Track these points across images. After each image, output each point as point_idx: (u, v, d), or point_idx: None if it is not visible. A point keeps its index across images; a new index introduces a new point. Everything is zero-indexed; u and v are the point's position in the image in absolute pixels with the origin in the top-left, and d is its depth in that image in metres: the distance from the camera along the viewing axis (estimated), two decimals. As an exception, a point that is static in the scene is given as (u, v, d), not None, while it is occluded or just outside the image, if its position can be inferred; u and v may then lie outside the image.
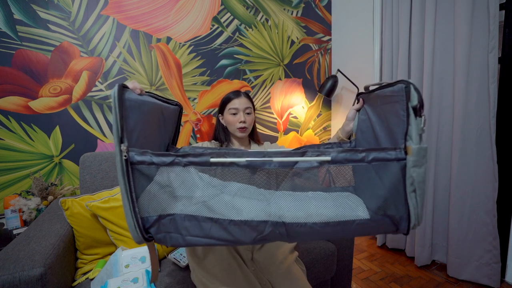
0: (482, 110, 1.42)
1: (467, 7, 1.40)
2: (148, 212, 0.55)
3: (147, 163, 0.52)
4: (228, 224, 0.53)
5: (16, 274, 0.72)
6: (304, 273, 0.94)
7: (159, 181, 0.55)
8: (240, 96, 1.16)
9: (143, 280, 0.87)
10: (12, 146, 1.38)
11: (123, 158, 0.50)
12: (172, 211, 0.55)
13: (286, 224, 0.52)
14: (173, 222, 0.55)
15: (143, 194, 0.54)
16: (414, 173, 0.49)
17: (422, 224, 1.65)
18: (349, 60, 2.20)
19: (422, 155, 0.49)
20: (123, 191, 0.51)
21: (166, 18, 1.69)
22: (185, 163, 0.53)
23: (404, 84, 0.51)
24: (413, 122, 0.50)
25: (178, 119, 0.84)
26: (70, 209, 1.03)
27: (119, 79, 1.60)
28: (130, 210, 0.52)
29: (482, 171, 1.43)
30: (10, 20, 1.34)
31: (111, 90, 0.53)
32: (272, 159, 0.51)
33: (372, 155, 0.50)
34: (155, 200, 0.55)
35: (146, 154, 0.52)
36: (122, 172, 0.51)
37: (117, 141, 0.50)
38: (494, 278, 1.42)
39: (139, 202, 0.54)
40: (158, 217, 0.55)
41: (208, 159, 0.52)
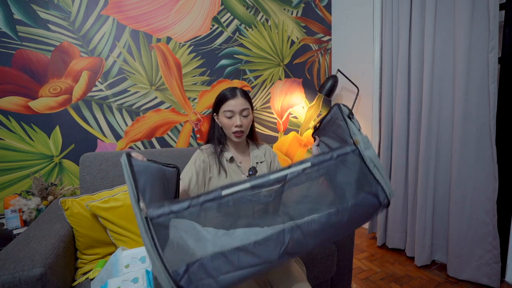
0: (482, 110, 1.42)
1: (467, 7, 1.40)
2: (176, 264, 0.53)
3: (167, 214, 0.54)
4: (253, 246, 0.56)
5: (16, 274, 0.72)
6: (304, 273, 0.94)
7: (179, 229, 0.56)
8: (236, 96, 1.04)
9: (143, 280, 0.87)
10: (12, 146, 1.38)
11: (143, 216, 0.52)
12: (198, 256, 0.55)
13: (299, 225, 0.60)
14: (201, 267, 0.54)
15: (166, 248, 0.54)
16: (367, 153, 0.68)
17: (422, 224, 1.65)
18: (349, 60, 2.20)
19: (366, 141, 0.69)
20: (149, 249, 0.51)
21: (166, 18, 1.69)
22: (201, 202, 0.56)
23: (335, 105, 0.77)
24: (350, 124, 0.72)
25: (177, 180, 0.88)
26: (70, 209, 1.03)
27: (119, 79, 1.60)
28: (162, 266, 0.51)
29: (482, 171, 1.43)
30: (10, 20, 1.34)
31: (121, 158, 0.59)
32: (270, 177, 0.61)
33: (336, 152, 0.67)
34: (180, 249, 0.55)
35: (163, 206, 0.55)
36: (145, 230, 0.51)
37: (135, 202, 0.52)
38: (494, 278, 1.42)
39: (165, 256, 0.53)
40: (186, 267, 0.54)
41: (220, 193, 0.58)
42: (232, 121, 1.03)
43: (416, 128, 1.71)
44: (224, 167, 1.06)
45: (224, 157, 1.08)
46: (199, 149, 1.10)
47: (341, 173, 0.68)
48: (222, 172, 1.05)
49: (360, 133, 0.71)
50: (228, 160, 1.07)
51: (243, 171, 1.08)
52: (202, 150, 1.08)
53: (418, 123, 1.70)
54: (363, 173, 0.67)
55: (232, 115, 1.03)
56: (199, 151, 1.09)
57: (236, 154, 1.11)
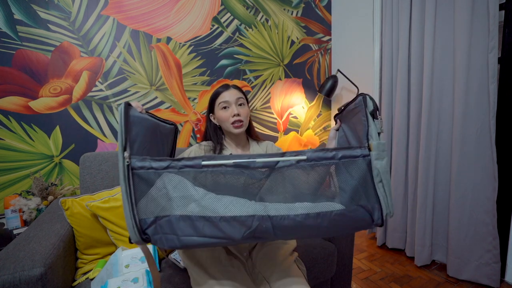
0: (482, 110, 1.42)
1: (467, 7, 1.40)
2: (146, 214, 0.59)
3: (147, 168, 0.59)
4: (219, 220, 0.58)
5: (17, 274, 0.73)
6: (304, 273, 0.94)
7: (155, 184, 0.59)
8: (229, 88, 1.05)
9: (143, 280, 0.88)
10: (12, 146, 1.38)
11: (125, 163, 0.56)
12: (167, 212, 0.59)
13: (271, 217, 0.58)
14: (168, 223, 0.59)
15: (142, 199, 0.59)
16: (378, 165, 0.59)
17: (422, 224, 1.65)
18: (349, 60, 2.20)
19: (382, 149, 0.59)
20: (123, 194, 0.56)
21: (166, 18, 1.69)
22: (180, 166, 0.59)
23: (362, 96, 0.65)
24: (371, 124, 0.62)
25: (175, 137, 0.91)
26: (70, 209, 1.03)
27: (119, 79, 1.60)
28: (129, 211, 0.56)
29: (482, 171, 1.43)
30: (10, 20, 1.34)
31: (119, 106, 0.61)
32: (256, 160, 0.59)
33: (341, 153, 0.59)
34: (153, 202, 0.59)
35: (145, 160, 0.59)
36: (123, 177, 0.56)
37: (121, 149, 0.56)
38: (494, 278, 1.42)
39: (138, 205, 0.58)
40: (154, 219, 0.59)
41: (200, 162, 0.59)
42: (229, 112, 1.02)
43: (416, 128, 1.71)
44: None
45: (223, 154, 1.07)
46: (198, 144, 1.09)
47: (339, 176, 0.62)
48: None
49: (378, 137, 0.61)
50: None
51: None
52: (201, 146, 1.07)
53: (418, 123, 1.70)
54: (364, 184, 0.60)
55: (228, 105, 1.02)
56: (197, 145, 1.07)
57: (235, 151, 1.09)
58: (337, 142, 0.88)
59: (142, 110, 0.70)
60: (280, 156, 0.60)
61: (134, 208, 0.57)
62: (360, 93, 0.67)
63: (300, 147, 2.29)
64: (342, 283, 1.31)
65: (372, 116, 0.63)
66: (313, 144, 2.36)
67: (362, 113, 0.65)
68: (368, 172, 0.59)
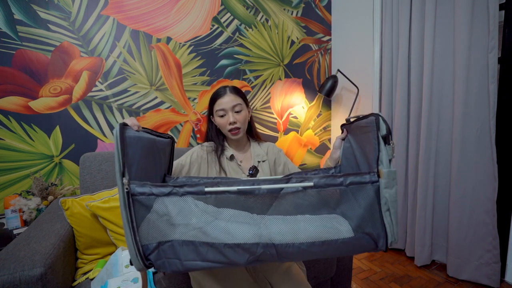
0: (482, 110, 1.42)
1: (467, 7, 1.40)
2: (148, 240, 0.59)
3: (147, 194, 0.58)
4: (223, 247, 0.57)
5: (17, 274, 0.73)
6: (304, 273, 0.94)
7: (157, 210, 0.59)
8: (226, 94, 1.02)
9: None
10: (12, 146, 1.38)
11: (125, 190, 0.55)
12: (170, 238, 0.59)
13: (276, 245, 0.57)
14: (171, 248, 0.59)
15: (143, 223, 0.59)
16: (386, 194, 0.57)
17: (422, 224, 1.65)
18: (349, 60, 2.20)
19: (392, 178, 0.57)
20: (125, 221, 0.55)
21: (166, 18, 1.69)
22: (182, 193, 0.59)
23: (375, 116, 0.61)
24: (383, 149, 0.59)
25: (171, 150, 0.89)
26: (70, 209, 1.03)
27: (119, 79, 1.60)
28: (132, 238, 0.56)
29: (482, 171, 1.43)
30: (10, 20, 1.34)
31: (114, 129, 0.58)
32: (261, 187, 0.58)
33: (349, 179, 0.58)
34: (155, 228, 0.59)
35: (146, 185, 0.58)
36: (124, 204, 0.56)
37: (119, 176, 0.55)
38: (494, 278, 1.42)
39: (140, 231, 0.58)
40: (157, 244, 0.59)
41: (203, 189, 0.58)
42: (225, 119, 1.02)
43: (416, 128, 1.71)
44: (224, 166, 1.04)
45: (224, 155, 1.06)
46: (200, 145, 1.09)
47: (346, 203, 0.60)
48: (222, 171, 1.03)
49: (389, 165, 0.58)
50: (228, 158, 1.05)
51: (244, 170, 1.07)
52: (203, 147, 1.08)
53: (418, 123, 1.70)
54: (370, 212, 0.59)
55: (224, 113, 1.02)
56: (199, 146, 1.08)
57: (236, 153, 1.09)
58: (342, 152, 0.87)
59: (139, 128, 0.69)
60: (285, 182, 0.59)
61: (137, 235, 0.57)
62: (373, 113, 0.63)
63: (300, 147, 2.29)
64: (342, 283, 1.31)
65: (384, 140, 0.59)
66: (313, 144, 2.36)
67: (373, 134, 0.62)
68: (376, 199, 0.58)
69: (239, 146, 1.11)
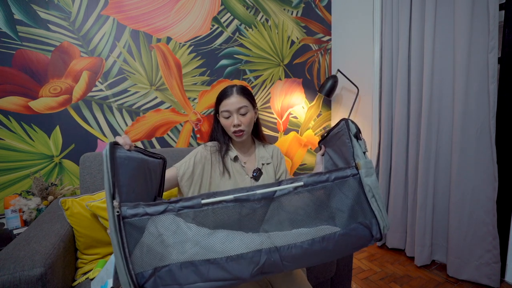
0: (482, 110, 1.42)
1: (467, 7, 1.40)
2: (142, 267, 0.53)
3: (141, 215, 0.54)
4: (225, 261, 0.55)
5: (17, 274, 0.73)
6: (304, 273, 0.94)
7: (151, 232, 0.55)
8: (232, 95, 0.99)
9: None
10: (12, 146, 1.38)
11: (115, 214, 0.51)
12: (167, 261, 0.54)
13: (279, 248, 0.57)
14: (169, 273, 0.54)
15: (136, 249, 0.54)
16: (368, 181, 0.63)
17: (422, 224, 1.65)
18: (349, 60, 2.20)
19: (369, 167, 0.65)
20: (115, 248, 0.51)
21: (166, 18, 1.69)
22: (178, 208, 0.56)
23: (344, 120, 0.73)
24: (356, 145, 0.68)
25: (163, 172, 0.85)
26: (70, 209, 1.03)
27: (119, 79, 1.60)
28: (124, 267, 0.51)
29: (482, 171, 1.43)
30: (10, 20, 1.34)
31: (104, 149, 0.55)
32: (256, 192, 0.59)
33: (333, 175, 0.63)
34: (149, 252, 0.54)
35: (139, 206, 0.54)
36: (115, 228, 0.51)
37: (109, 199, 0.52)
38: (494, 278, 1.42)
39: (133, 257, 0.53)
40: (153, 271, 0.54)
41: (200, 201, 0.57)
42: (230, 121, 1.00)
43: (416, 128, 1.71)
44: (228, 167, 1.03)
45: (228, 156, 1.05)
46: (203, 145, 1.07)
47: (335, 197, 0.64)
48: (226, 172, 1.02)
49: (364, 156, 0.66)
50: (232, 159, 1.04)
51: (247, 172, 1.06)
52: (206, 146, 1.05)
53: (418, 123, 1.70)
54: (359, 201, 0.63)
55: (229, 115, 1.00)
56: (203, 146, 1.06)
57: (240, 154, 1.08)
58: (324, 166, 0.92)
59: (131, 147, 0.65)
60: (277, 185, 0.61)
61: (129, 262, 0.52)
62: (342, 118, 0.74)
63: (300, 147, 2.29)
64: (342, 283, 1.31)
65: (356, 138, 0.69)
66: (313, 144, 2.36)
67: (345, 136, 0.72)
68: (361, 189, 0.64)
69: (243, 147, 1.10)
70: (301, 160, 2.32)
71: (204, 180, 1.01)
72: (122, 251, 0.51)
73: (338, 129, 0.77)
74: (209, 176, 1.02)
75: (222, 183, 1.00)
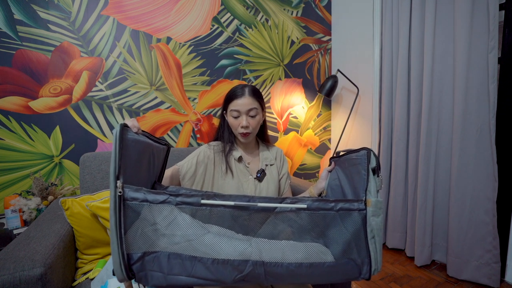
0: (482, 110, 1.42)
1: (467, 7, 1.40)
2: (133, 248, 0.56)
3: (140, 200, 0.56)
4: (211, 263, 0.56)
5: (17, 274, 0.73)
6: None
7: (146, 218, 0.56)
8: (244, 95, 0.97)
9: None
10: (12, 146, 1.38)
11: (118, 193, 0.54)
12: (157, 248, 0.56)
13: (265, 263, 0.57)
14: (156, 260, 0.56)
15: (130, 230, 0.56)
16: (373, 222, 0.61)
17: (422, 224, 1.65)
18: (349, 60, 2.20)
19: (379, 207, 0.61)
20: (112, 226, 0.53)
21: (166, 18, 1.69)
22: (177, 202, 0.57)
23: (366, 150, 0.68)
24: (372, 180, 0.64)
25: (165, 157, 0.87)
26: (70, 209, 1.03)
27: (119, 79, 1.60)
28: (117, 246, 0.53)
29: (482, 171, 1.43)
30: (10, 20, 1.34)
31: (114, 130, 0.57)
32: (257, 204, 0.59)
33: (339, 205, 0.61)
34: (142, 236, 0.56)
35: (140, 191, 0.56)
36: (114, 207, 0.53)
37: (113, 178, 0.54)
38: (494, 278, 1.42)
39: (126, 238, 0.55)
40: (142, 254, 0.56)
41: (199, 200, 0.57)
42: (238, 121, 0.99)
43: (416, 128, 1.71)
44: (231, 167, 1.02)
45: (233, 156, 1.04)
46: (207, 144, 1.06)
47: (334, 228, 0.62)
48: (229, 172, 1.02)
49: (376, 195, 0.63)
50: (236, 159, 1.04)
51: (251, 172, 1.05)
52: (210, 146, 1.05)
53: (418, 123, 1.70)
54: (357, 238, 0.61)
55: (239, 115, 0.98)
56: (206, 146, 1.05)
57: (244, 154, 1.08)
58: (328, 183, 0.90)
59: (138, 131, 0.67)
60: (279, 202, 0.61)
61: (123, 242, 0.53)
62: (364, 147, 0.70)
63: (300, 147, 2.29)
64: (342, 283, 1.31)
65: (373, 172, 0.65)
66: (313, 144, 2.36)
67: (362, 166, 0.68)
68: (362, 226, 0.61)
69: (248, 148, 1.10)
70: (301, 160, 2.32)
71: (207, 180, 1.00)
72: (118, 230, 0.53)
73: (356, 156, 0.72)
74: (212, 176, 1.01)
75: (225, 183, 1.00)
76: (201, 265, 0.56)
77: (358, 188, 0.69)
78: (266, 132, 1.14)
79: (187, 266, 0.56)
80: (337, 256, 0.61)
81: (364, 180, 0.66)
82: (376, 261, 0.61)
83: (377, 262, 0.61)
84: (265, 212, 0.61)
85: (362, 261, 0.62)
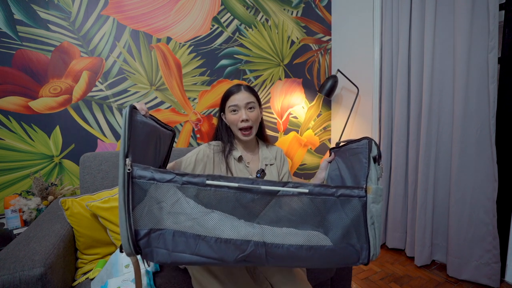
0: (482, 110, 1.42)
1: (467, 7, 1.40)
2: (140, 225, 0.57)
3: (147, 179, 0.58)
4: (214, 242, 0.58)
5: (17, 274, 0.73)
6: (304, 273, 0.94)
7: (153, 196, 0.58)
8: (240, 91, 1.00)
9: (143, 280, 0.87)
10: (12, 146, 1.38)
11: (127, 171, 0.55)
12: (162, 226, 0.58)
13: (267, 244, 0.59)
14: (161, 237, 0.58)
15: (137, 207, 0.58)
16: (373, 208, 0.62)
17: (422, 224, 1.65)
18: (349, 60, 2.20)
19: (379, 194, 0.63)
20: (121, 202, 0.55)
21: (166, 18, 1.69)
22: (183, 182, 0.59)
23: (367, 139, 0.70)
24: (373, 168, 0.66)
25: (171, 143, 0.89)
26: (70, 209, 1.03)
27: (119, 79, 1.60)
28: (125, 221, 0.55)
29: (482, 171, 1.43)
30: (10, 20, 1.34)
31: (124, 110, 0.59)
32: (260, 186, 0.60)
33: (340, 191, 0.62)
34: (148, 213, 0.58)
35: (148, 169, 0.58)
36: (123, 184, 0.55)
37: (122, 155, 0.56)
38: (494, 278, 1.42)
39: (133, 214, 0.57)
40: (148, 231, 0.58)
41: (204, 181, 0.59)
42: (237, 116, 1.00)
43: (416, 128, 1.71)
44: (231, 167, 1.02)
45: (232, 156, 1.04)
46: (207, 144, 1.06)
47: (335, 213, 0.63)
48: (228, 172, 1.01)
49: (377, 182, 0.65)
50: (236, 159, 1.04)
51: (251, 172, 1.05)
52: (210, 146, 1.05)
53: (418, 123, 1.70)
54: (357, 224, 0.63)
55: (237, 109, 1.00)
56: (206, 145, 1.05)
57: (244, 154, 1.08)
58: (327, 174, 0.91)
59: (146, 113, 0.69)
60: (282, 185, 0.61)
61: (131, 218, 0.56)
62: (365, 137, 0.71)
63: (300, 147, 2.29)
64: (342, 283, 1.31)
65: (374, 160, 0.66)
66: (313, 144, 2.36)
67: (363, 155, 0.69)
68: (362, 213, 0.62)
69: (248, 148, 1.09)
70: (301, 160, 2.32)
71: None
72: (126, 206, 0.55)
73: (357, 145, 0.74)
74: None
75: None
76: (204, 243, 0.58)
77: (358, 176, 0.70)
78: (264, 131, 1.14)
79: (191, 244, 0.58)
80: (336, 242, 0.62)
81: (365, 168, 0.67)
82: (375, 247, 0.63)
83: (376, 247, 0.63)
84: (268, 196, 0.62)
85: (361, 247, 0.63)
